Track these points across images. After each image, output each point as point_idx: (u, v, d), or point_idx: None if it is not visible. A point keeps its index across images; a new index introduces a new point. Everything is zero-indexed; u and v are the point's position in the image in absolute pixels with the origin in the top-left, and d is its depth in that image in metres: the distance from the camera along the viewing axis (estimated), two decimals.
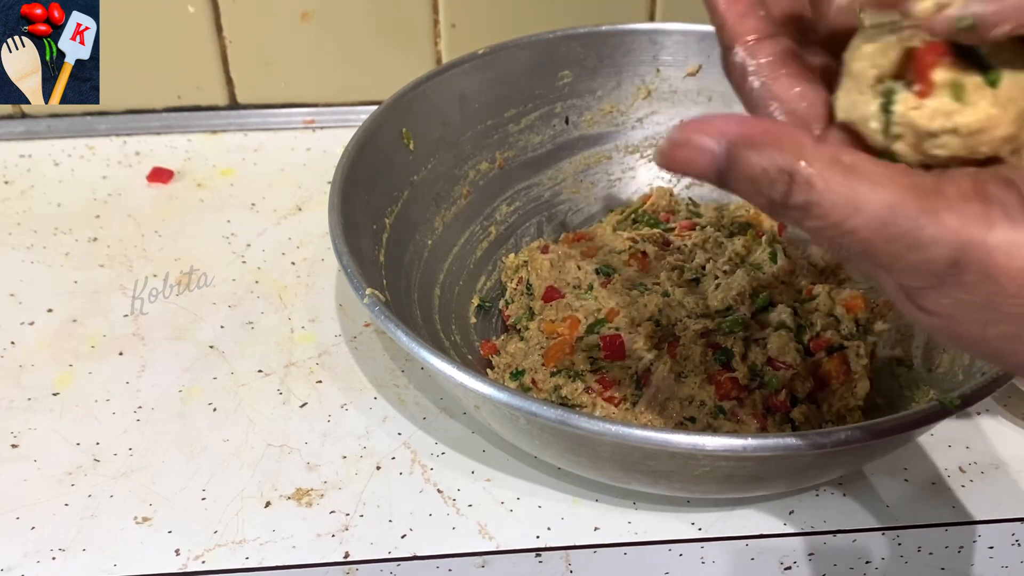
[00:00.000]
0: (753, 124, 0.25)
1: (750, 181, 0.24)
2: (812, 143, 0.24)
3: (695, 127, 0.25)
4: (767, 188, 0.24)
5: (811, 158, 0.23)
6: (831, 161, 0.23)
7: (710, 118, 0.25)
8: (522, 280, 0.53)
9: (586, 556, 0.43)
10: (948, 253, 0.23)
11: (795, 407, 0.46)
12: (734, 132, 0.24)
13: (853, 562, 0.44)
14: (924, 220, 0.23)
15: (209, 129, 0.67)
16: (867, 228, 0.23)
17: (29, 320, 0.53)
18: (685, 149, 0.25)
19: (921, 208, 0.23)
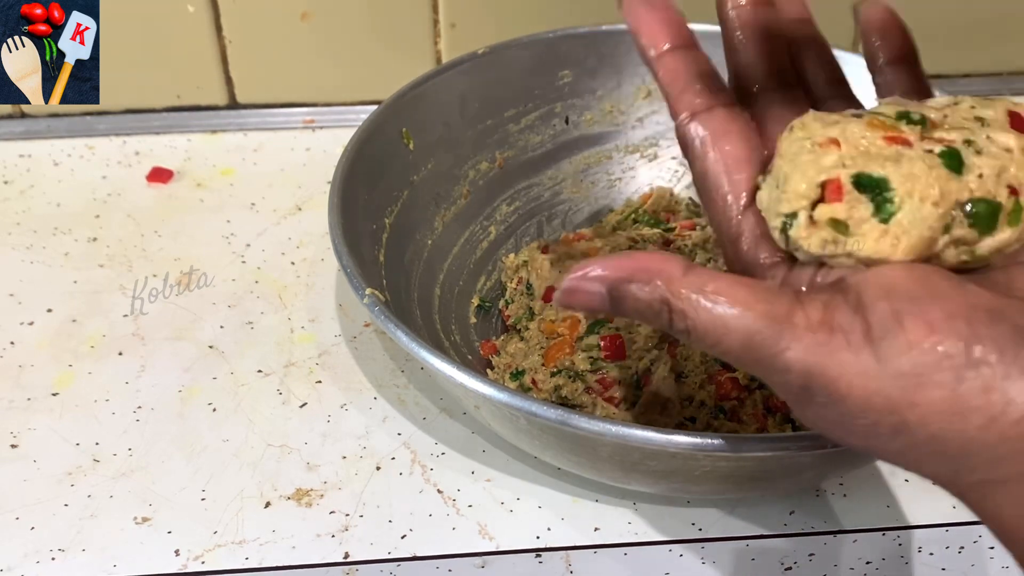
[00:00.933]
0: (627, 263, 0.28)
1: (638, 313, 0.27)
2: (681, 275, 0.27)
3: (579, 277, 0.28)
4: (654, 318, 0.27)
5: (680, 290, 0.27)
6: (698, 291, 0.26)
7: (590, 266, 0.28)
8: (522, 280, 0.53)
9: (586, 556, 0.43)
10: (799, 379, 0.25)
11: None
12: (611, 277, 0.28)
13: (853, 562, 0.44)
14: (775, 349, 0.25)
15: (209, 129, 0.67)
16: (735, 348, 0.26)
17: (29, 320, 0.53)
18: (577, 295, 0.28)
19: (774, 337, 0.25)
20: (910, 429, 0.24)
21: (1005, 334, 0.24)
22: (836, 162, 0.27)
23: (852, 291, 0.26)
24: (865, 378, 0.24)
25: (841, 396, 0.25)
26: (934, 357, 0.24)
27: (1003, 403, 0.23)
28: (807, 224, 0.28)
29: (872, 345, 0.24)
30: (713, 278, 0.27)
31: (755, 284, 0.27)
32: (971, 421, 0.23)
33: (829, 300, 0.26)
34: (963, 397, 0.23)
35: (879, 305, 0.25)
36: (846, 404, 0.25)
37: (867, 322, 0.25)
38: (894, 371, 0.24)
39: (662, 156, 0.60)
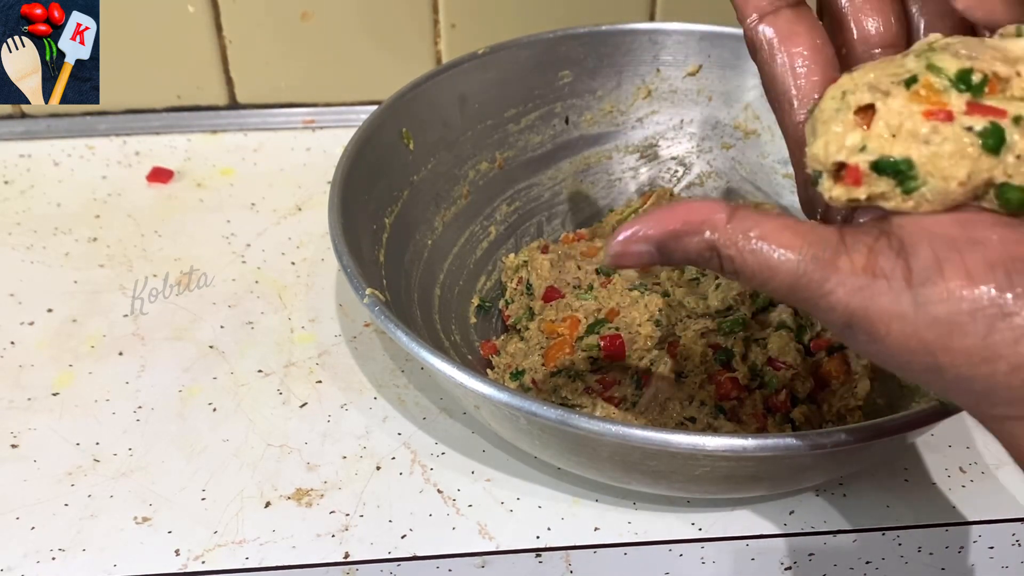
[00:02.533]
0: (672, 218, 0.28)
1: (688, 261, 0.28)
2: (725, 221, 0.27)
3: (625, 240, 0.29)
4: (704, 264, 0.28)
5: (725, 237, 0.27)
6: (744, 235, 0.27)
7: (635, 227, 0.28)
8: (522, 280, 0.53)
9: (586, 556, 0.43)
10: (842, 319, 0.27)
11: (795, 407, 0.46)
12: (656, 234, 0.28)
13: (853, 562, 0.44)
14: (820, 292, 0.26)
15: (209, 129, 0.67)
16: (783, 289, 0.27)
17: (29, 320, 0.53)
18: (625, 258, 0.29)
19: (819, 281, 0.26)
20: (941, 369, 0.26)
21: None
22: (858, 144, 0.27)
23: (895, 234, 0.26)
24: (903, 322, 0.25)
25: (880, 336, 0.26)
26: (969, 307, 0.25)
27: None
28: (831, 183, 0.28)
29: (912, 291, 0.25)
30: (758, 222, 0.27)
31: (800, 227, 0.27)
32: (999, 367, 0.25)
33: (873, 245, 0.26)
34: (994, 346, 0.25)
35: (921, 250, 0.26)
36: (884, 343, 0.26)
37: (908, 267, 0.26)
38: (931, 317, 0.25)
39: (662, 156, 0.60)
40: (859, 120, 0.28)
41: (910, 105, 0.27)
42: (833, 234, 0.27)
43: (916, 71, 0.27)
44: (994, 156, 0.26)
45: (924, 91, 0.27)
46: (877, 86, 0.28)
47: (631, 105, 0.59)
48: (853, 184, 0.27)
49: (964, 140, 0.26)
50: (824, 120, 0.28)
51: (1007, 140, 0.26)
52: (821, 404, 0.46)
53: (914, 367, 0.26)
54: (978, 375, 0.25)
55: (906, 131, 0.27)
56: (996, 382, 0.25)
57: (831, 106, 0.28)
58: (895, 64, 0.28)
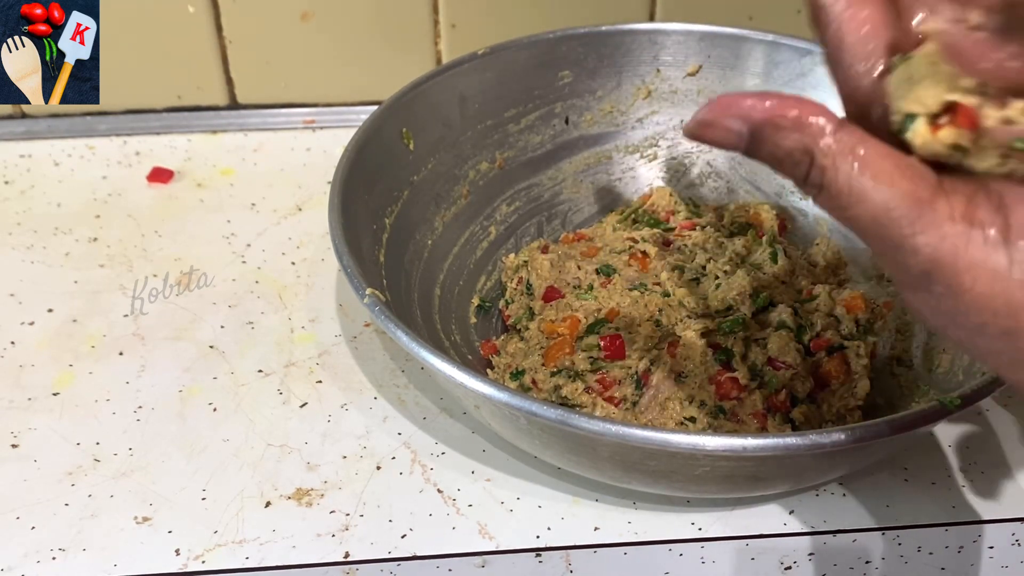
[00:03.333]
0: (781, 106, 0.26)
1: (775, 159, 0.27)
2: (834, 130, 0.26)
3: (723, 108, 0.27)
4: (790, 166, 0.26)
5: (828, 146, 0.25)
6: (847, 151, 0.25)
7: (739, 99, 0.26)
8: (522, 280, 0.53)
9: (586, 556, 0.43)
10: (923, 265, 0.25)
11: (795, 407, 0.46)
12: (760, 116, 0.26)
13: (853, 562, 0.44)
14: (909, 231, 0.25)
15: (209, 129, 0.67)
16: (866, 219, 0.25)
17: (29, 320, 0.53)
18: (714, 129, 0.27)
19: (910, 219, 0.25)
20: (1020, 334, 0.24)
21: None
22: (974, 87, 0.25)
23: (995, 191, 0.25)
24: (992, 277, 0.24)
25: (963, 290, 0.25)
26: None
27: None
28: (925, 131, 0.26)
29: (1008, 246, 0.24)
30: (864, 142, 0.26)
31: (904, 160, 0.26)
32: None
33: (972, 195, 0.25)
34: None
35: (1021, 208, 0.24)
36: (965, 298, 0.25)
37: (1007, 223, 0.24)
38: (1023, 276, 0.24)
39: (662, 156, 0.60)
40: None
41: None
42: (933, 176, 0.25)
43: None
44: None
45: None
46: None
47: (631, 105, 0.59)
48: (968, 126, 0.25)
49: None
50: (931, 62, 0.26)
51: None
52: (821, 404, 0.46)
53: (989, 329, 0.25)
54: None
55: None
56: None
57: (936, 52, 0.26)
58: None
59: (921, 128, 0.26)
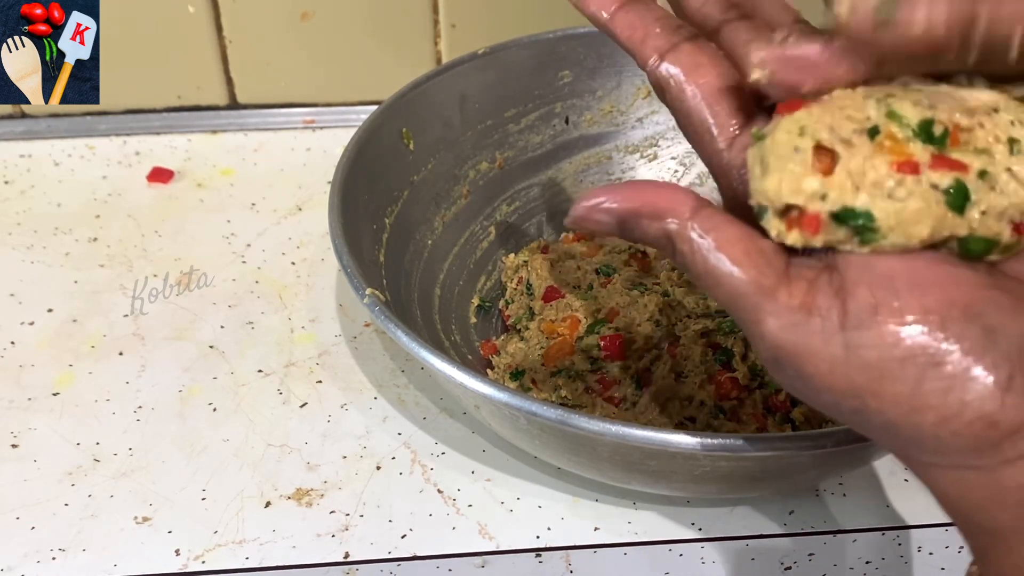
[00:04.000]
0: (638, 197, 0.28)
1: (645, 242, 0.28)
2: (690, 216, 0.27)
3: (590, 206, 0.28)
4: (660, 249, 0.28)
5: (684, 231, 0.27)
6: (700, 235, 0.27)
7: (601, 196, 0.28)
8: (522, 280, 0.53)
9: (586, 556, 0.43)
10: (770, 350, 0.26)
11: (795, 407, 0.46)
12: (620, 209, 0.28)
13: (853, 562, 0.44)
14: (754, 317, 0.26)
15: (209, 129, 0.67)
16: (723, 300, 0.27)
17: (29, 320, 0.53)
18: (587, 223, 0.29)
19: (754, 306, 0.26)
20: (868, 413, 0.25)
21: (974, 336, 0.24)
22: (818, 191, 0.26)
23: (839, 271, 0.26)
24: (832, 363, 0.25)
25: (808, 375, 0.25)
26: (901, 355, 0.24)
27: (959, 405, 0.24)
28: (777, 224, 0.27)
29: (844, 333, 0.25)
30: (717, 226, 0.27)
31: (754, 244, 0.26)
32: (927, 417, 0.24)
33: (815, 280, 0.26)
34: (923, 395, 0.24)
35: (859, 292, 0.25)
36: (811, 382, 0.26)
37: (845, 309, 0.25)
38: (861, 362, 0.25)
39: (662, 156, 0.60)
40: (817, 161, 0.26)
41: (875, 157, 0.25)
42: (780, 261, 0.26)
43: (877, 120, 0.26)
44: (958, 214, 0.25)
45: (888, 142, 0.26)
46: (838, 131, 0.26)
47: (631, 105, 0.59)
48: (811, 232, 0.26)
49: (930, 197, 0.25)
50: (779, 155, 0.26)
51: (971, 197, 0.25)
52: None
53: (840, 408, 0.26)
54: (905, 423, 0.24)
55: (869, 182, 0.25)
56: (923, 432, 0.24)
57: (787, 140, 0.26)
58: (853, 105, 0.26)
59: (774, 221, 0.27)
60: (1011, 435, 0.24)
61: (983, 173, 0.25)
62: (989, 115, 0.26)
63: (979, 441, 0.24)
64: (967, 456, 0.24)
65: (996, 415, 0.24)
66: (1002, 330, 0.24)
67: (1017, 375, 0.24)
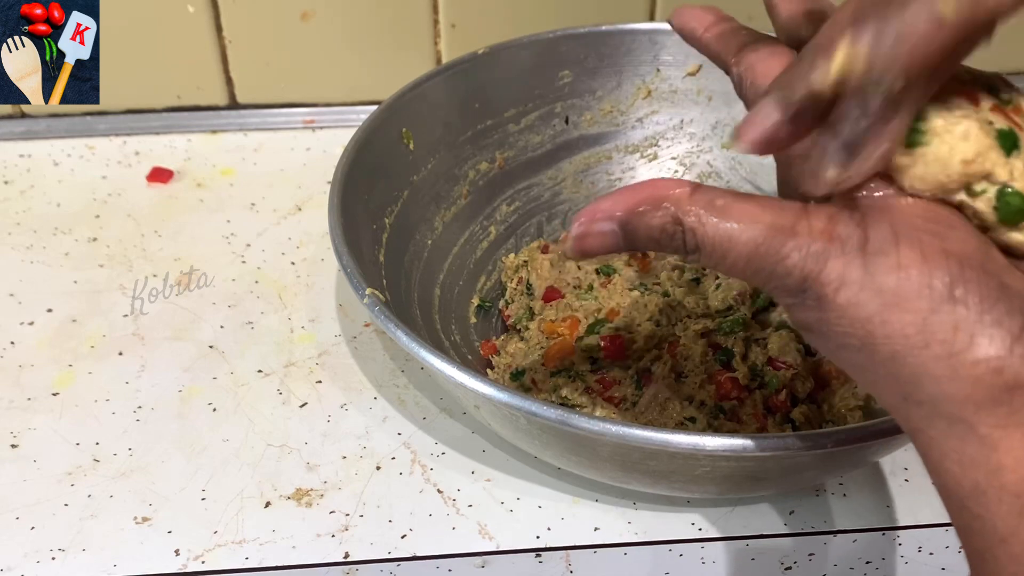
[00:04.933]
0: (633, 195, 0.28)
1: (653, 241, 0.28)
2: (688, 195, 0.27)
3: (588, 218, 0.28)
4: (668, 242, 0.28)
5: (688, 208, 0.27)
6: (707, 207, 0.27)
7: (596, 207, 0.28)
8: (522, 280, 0.53)
9: (586, 556, 0.43)
10: (795, 282, 0.26)
11: (795, 407, 0.46)
12: (621, 210, 0.28)
13: (853, 562, 0.44)
14: (777, 258, 0.26)
15: (209, 129, 0.67)
16: (740, 260, 0.27)
17: (29, 320, 0.53)
18: (590, 239, 0.29)
19: (776, 246, 0.26)
20: (875, 343, 0.25)
21: (990, 285, 0.24)
22: None
23: (860, 209, 0.26)
24: (850, 286, 0.25)
25: (827, 299, 0.26)
26: (918, 284, 0.25)
27: (967, 342, 0.24)
28: None
29: (864, 257, 0.25)
30: (721, 194, 0.27)
31: (764, 199, 0.27)
32: (931, 350, 0.24)
33: (835, 213, 0.26)
34: (931, 327, 0.24)
35: (882, 225, 0.26)
36: (829, 308, 0.26)
37: (866, 235, 0.26)
38: (877, 286, 0.25)
39: (662, 156, 0.60)
40: None
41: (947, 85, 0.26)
42: (796, 204, 0.27)
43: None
44: (1004, 154, 0.26)
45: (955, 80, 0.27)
46: None
47: (631, 105, 0.59)
48: None
49: (981, 126, 0.26)
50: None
51: (1020, 146, 0.26)
52: (821, 404, 0.46)
53: (850, 340, 0.26)
54: (908, 356, 0.25)
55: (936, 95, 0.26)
56: (925, 367, 0.24)
57: None
58: None
59: None
60: (1012, 390, 0.24)
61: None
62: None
63: (980, 387, 0.24)
64: (966, 407, 0.24)
65: (1002, 361, 0.24)
66: (1017, 291, 0.25)
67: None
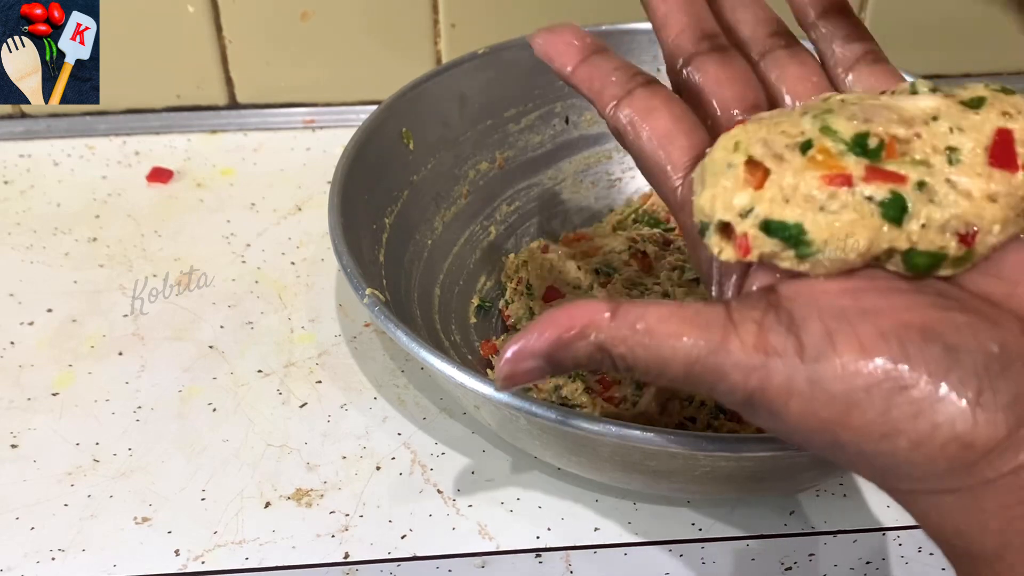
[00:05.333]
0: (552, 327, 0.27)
1: (580, 367, 0.27)
2: (610, 318, 0.26)
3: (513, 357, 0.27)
4: (597, 366, 0.27)
5: (612, 334, 0.26)
6: (630, 330, 0.26)
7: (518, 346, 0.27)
8: (522, 280, 0.53)
9: (586, 556, 0.43)
10: (741, 399, 0.26)
11: None
12: (543, 347, 0.27)
13: (853, 562, 0.44)
14: (716, 376, 0.25)
15: (209, 129, 0.67)
16: (679, 378, 0.26)
17: (28, 320, 0.53)
18: (518, 378, 0.27)
19: (712, 365, 0.25)
20: (842, 446, 0.25)
21: (935, 356, 0.24)
22: (746, 205, 0.26)
23: (784, 307, 0.25)
24: (800, 399, 0.25)
25: (779, 412, 0.25)
26: (865, 382, 0.24)
27: (930, 428, 0.23)
28: (718, 238, 0.27)
29: (806, 367, 0.24)
30: (642, 314, 0.26)
31: (686, 311, 0.26)
32: (899, 443, 0.24)
33: (762, 319, 0.25)
34: (893, 421, 0.24)
35: (811, 325, 0.25)
36: (784, 419, 0.25)
37: (800, 342, 0.25)
38: (827, 395, 0.24)
39: None
40: (749, 177, 0.26)
41: (806, 171, 0.25)
42: (720, 314, 0.26)
43: (811, 135, 0.26)
44: (896, 226, 0.25)
45: (820, 156, 0.25)
46: (771, 146, 0.26)
47: None
48: (743, 248, 0.26)
49: (864, 209, 0.25)
50: (713, 172, 0.27)
51: (909, 209, 0.25)
52: None
53: (816, 443, 0.25)
54: (879, 452, 0.24)
55: (800, 196, 0.25)
56: (898, 458, 0.24)
57: (722, 157, 0.27)
58: (789, 121, 0.26)
59: (714, 238, 0.26)
60: (987, 454, 0.23)
61: (921, 184, 0.25)
62: (927, 124, 0.26)
63: (955, 463, 0.23)
64: (944, 479, 0.24)
65: (969, 435, 0.23)
66: (963, 347, 0.24)
67: (986, 390, 0.23)
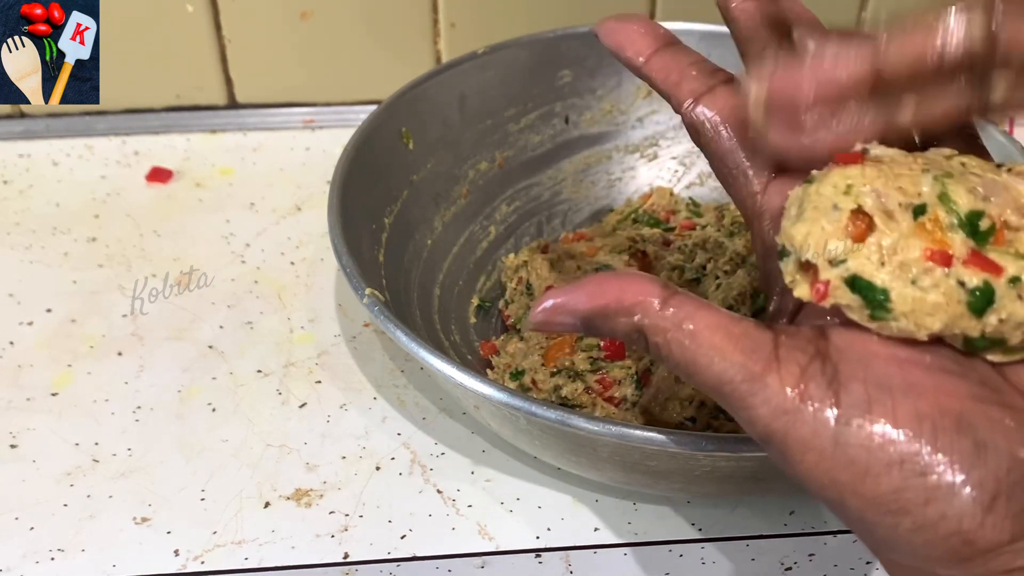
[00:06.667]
0: (600, 294, 0.27)
1: (614, 337, 0.27)
2: (660, 306, 0.26)
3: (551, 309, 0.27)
4: (631, 343, 0.27)
5: (655, 324, 0.26)
6: (675, 327, 0.26)
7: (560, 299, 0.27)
8: (522, 280, 0.53)
9: (586, 556, 0.43)
10: (760, 434, 0.25)
11: None
12: (584, 310, 0.27)
13: (854, 562, 0.44)
14: (742, 404, 0.25)
15: (208, 129, 0.67)
16: (704, 386, 0.26)
17: (28, 320, 0.53)
18: (550, 326, 0.28)
19: (743, 392, 0.25)
20: (846, 508, 0.25)
21: (964, 450, 0.23)
22: (839, 255, 0.25)
23: (831, 359, 0.25)
24: (819, 455, 0.24)
25: (792, 459, 0.25)
26: (888, 458, 0.24)
27: (938, 517, 0.23)
28: (793, 271, 0.26)
29: (836, 427, 0.24)
30: (691, 315, 0.26)
31: (734, 328, 0.26)
32: (903, 522, 0.24)
33: (807, 365, 0.25)
34: (903, 501, 0.24)
35: (854, 386, 0.24)
36: (794, 466, 0.25)
37: (838, 400, 0.24)
38: (848, 458, 0.24)
39: (662, 156, 0.60)
40: (852, 225, 0.25)
41: (912, 237, 0.25)
42: (767, 343, 0.25)
43: (927, 199, 0.25)
44: (977, 317, 0.24)
45: (931, 225, 0.25)
46: (884, 201, 0.25)
47: (631, 105, 0.59)
48: (817, 297, 0.25)
49: (953, 294, 0.24)
50: (815, 206, 0.26)
51: (995, 303, 0.24)
52: None
53: (820, 496, 0.25)
54: (882, 524, 0.24)
55: (897, 262, 0.25)
56: (898, 535, 0.24)
57: (829, 195, 0.26)
58: (910, 177, 0.26)
59: (790, 267, 0.26)
60: (984, 554, 0.23)
61: (1015, 280, 0.25)
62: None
63: (952, 555, 0.23)
64: (937, 564, 0.24)
65: (973, 534, 0.23)
66: (992, 446, 0.23)
67: (1001, 496, 0.23)
